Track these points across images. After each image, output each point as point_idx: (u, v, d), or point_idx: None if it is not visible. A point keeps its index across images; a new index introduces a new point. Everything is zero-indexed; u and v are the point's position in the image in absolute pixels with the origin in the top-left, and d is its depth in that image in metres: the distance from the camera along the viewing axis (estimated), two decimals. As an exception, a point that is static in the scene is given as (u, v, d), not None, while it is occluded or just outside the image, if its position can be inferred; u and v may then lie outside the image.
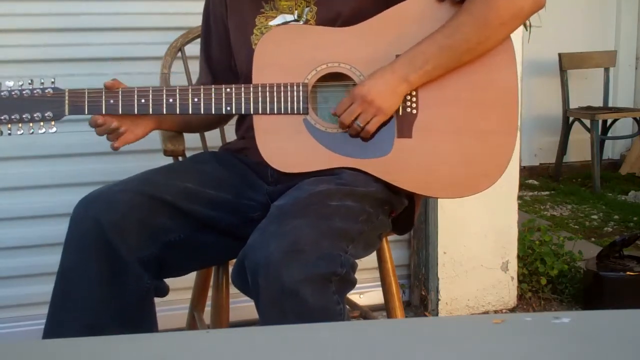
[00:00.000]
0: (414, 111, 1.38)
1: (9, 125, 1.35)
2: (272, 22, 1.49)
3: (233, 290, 1.52)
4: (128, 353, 0.71)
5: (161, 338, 0.79)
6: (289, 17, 1.48)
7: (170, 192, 1.38)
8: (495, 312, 2.40)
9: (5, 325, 2.10)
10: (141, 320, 1.37)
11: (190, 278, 1.73)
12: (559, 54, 4.56)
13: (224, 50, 1.60)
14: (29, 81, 1.36)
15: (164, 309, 1.44)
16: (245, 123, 1.55)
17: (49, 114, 1.35)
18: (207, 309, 1.68)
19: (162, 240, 1.37)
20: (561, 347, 0.71)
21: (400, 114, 1.38)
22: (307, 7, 1.47)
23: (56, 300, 1.34)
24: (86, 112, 1.37)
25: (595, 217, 3.74)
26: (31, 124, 1.36)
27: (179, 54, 1.85)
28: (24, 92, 1.35)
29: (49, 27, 2.04)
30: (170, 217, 1.38)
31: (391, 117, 1.38)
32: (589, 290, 2.45)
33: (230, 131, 1.86)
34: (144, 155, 2.07)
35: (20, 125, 1.36)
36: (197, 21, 1.88)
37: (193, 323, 1.81)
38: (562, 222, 3.63)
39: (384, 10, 1.40)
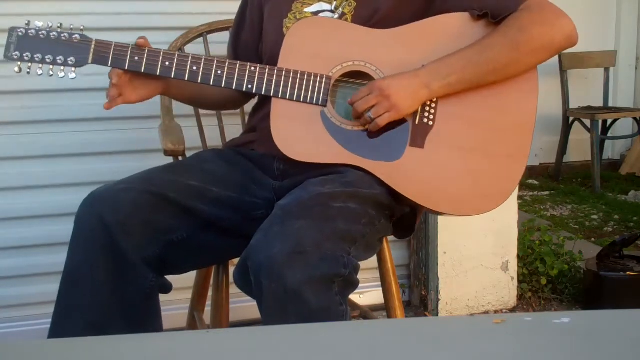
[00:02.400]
0: (431, 122, 1.39)
1: (30, 64, 1.35)
2: (308, 9, 1.50)
3: (233, 290, 1.52)
4: (128, 353, 0.71)
5: (161, 338, 0.79)
6: (326, 6, 1.49)
7: (174, 190, 1.38)
8: (495, 312, 2.40)
9: (5, 325, 2.10)
10: (147, 318, 1.37)
11: (191, 278, 1.74)
12: (559, 54, 4.56)
13: (255, 38, 1.61)
14: (58, 24, 1.36)
15: (164, 309, 1.43)
16: (260, 112, 1.55)
17: (71, 59, 1.36)
18: (207, 309, 1.68)
19: (165, 240, 1.37)
20: (561, 347, 0.71)
21: (417, 123, 1.39)
22: (345, 0, 1.48)
23: (62, 300, 1.34)
24: (109, 64, 1.37)
25: (595, 217, 3.74)
26: (52, 67, 1.36)
27: (179, 54, 1.84)
28: (51, 33, 1.35)
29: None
30: (173, 216, 1.37)
31: (405, 121, 1.39)
32: (589, 290, 2.44)
33: (230, 131, 1.86)
34: (144, 155, 2.08)
35: (41, 66, 1.36)
36: (197, 21, 1.89)
37: (193, 323, 1.82)
38: (562, 222, 3.63)
39: (421, 13, 1.42)
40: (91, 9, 2.06)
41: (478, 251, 2.36)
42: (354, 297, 2.28)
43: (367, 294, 2.34)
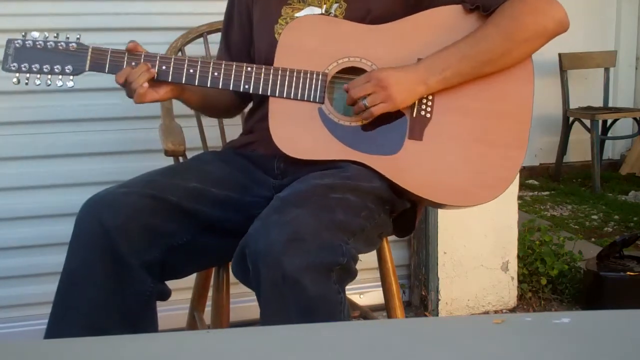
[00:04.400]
0: (428, 115, 1.39)
1: (28, 75, 1.37)
2: (299, 14, 1.50)
3: (233, 290, 1.52)
4: (128, 353, 0.72)
5: (161, 338, 0.79)
6: (317, 10, 1.50)
7: (175, 193, 1.38)
8: (495, 312, 2.40)
9: (5, 325, 2.10)
10: (143, 322, 1.37)
11: (191, 278, 1.73)
12: (559, 54, 4.56)
13: (245, 38, 1.61)
14: (55, 34, 1.39)
15: (164, 309, 1.43)
16: (258, 113, 1.56)
17: (69, 67, 1.38)
18: (207, 309, 1.68)
19: (165, 244, 1.37)
20: (561, 347, 0.71)
21: (414, 115, 1.39)
22: (336, 2, 1.48)
23: (59, 301, 1.33)
24: (106, 71, 1.39)
25: (595, 217, 3.74)
26: (49, 76, 1.38)
27: (179, 54, 1.85)
28: (48, 43, 1.38)
29: (49, 27, 2.04)
30: (174, 220, 1.37)
31: (402, 115, 1.39)
32: (589, 290, 2.44)
33: (230, 131, 1.86)
34: (144, 155, 2.08)
35: (38, 76, 1.38)
36: (197, 21, 1.88)
37: (193, 323, 1.81)
38: (562, 222, 3.63)
39: (413, 11, 1.42)
40: (91, 9, 2.06)
41: (478, 251, 2.36)
42: (354, 297, 2.28)
43: (367, 294, 2.34)
